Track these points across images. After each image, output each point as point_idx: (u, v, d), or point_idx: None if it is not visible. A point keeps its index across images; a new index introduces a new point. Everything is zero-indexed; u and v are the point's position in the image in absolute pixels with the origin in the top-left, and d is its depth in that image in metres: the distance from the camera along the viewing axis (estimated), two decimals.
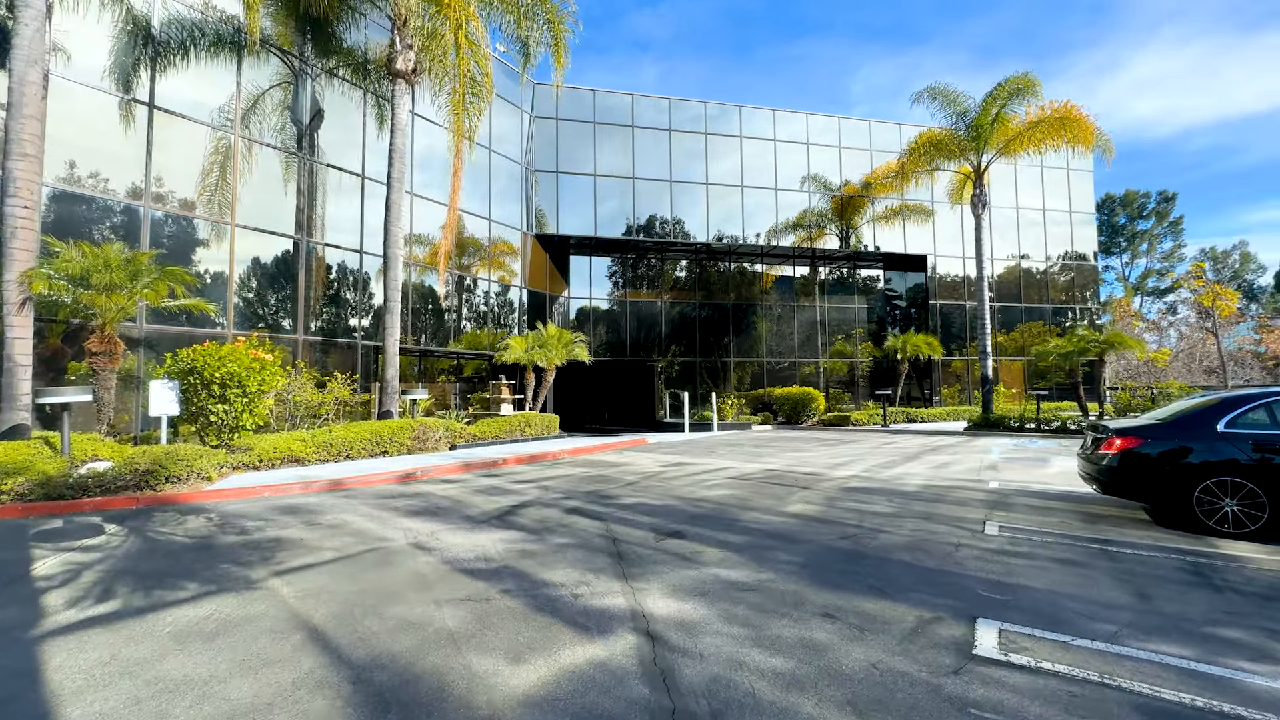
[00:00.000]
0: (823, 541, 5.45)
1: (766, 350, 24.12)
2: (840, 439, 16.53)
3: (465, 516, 6.47)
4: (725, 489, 8.29)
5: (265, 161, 12.85)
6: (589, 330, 22.09)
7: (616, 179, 21.19)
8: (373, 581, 4.29)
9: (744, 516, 6.51)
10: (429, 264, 16.26)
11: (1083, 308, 26.84)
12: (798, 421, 21.76)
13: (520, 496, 7.72)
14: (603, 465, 11.05)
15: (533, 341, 16.91)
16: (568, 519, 6.37)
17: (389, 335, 12.04)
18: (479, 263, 18.15)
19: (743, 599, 3.95)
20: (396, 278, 12.26)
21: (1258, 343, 41.66)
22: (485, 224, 18.17)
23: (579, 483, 8.88)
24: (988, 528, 5.98)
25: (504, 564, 4.72)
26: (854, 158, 24.33)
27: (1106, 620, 3.62)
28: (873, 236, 24.34)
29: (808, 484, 8.72)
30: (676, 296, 23.53)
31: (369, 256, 14.47)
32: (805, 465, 10.85)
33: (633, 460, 11.80)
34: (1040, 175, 26.30)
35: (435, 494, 7.87)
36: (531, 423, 14.65)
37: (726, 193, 22.49)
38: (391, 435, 10.72)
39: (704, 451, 13.38)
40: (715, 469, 10.39)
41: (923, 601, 3.91)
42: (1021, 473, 9.82)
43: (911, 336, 22.47)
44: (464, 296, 17.82)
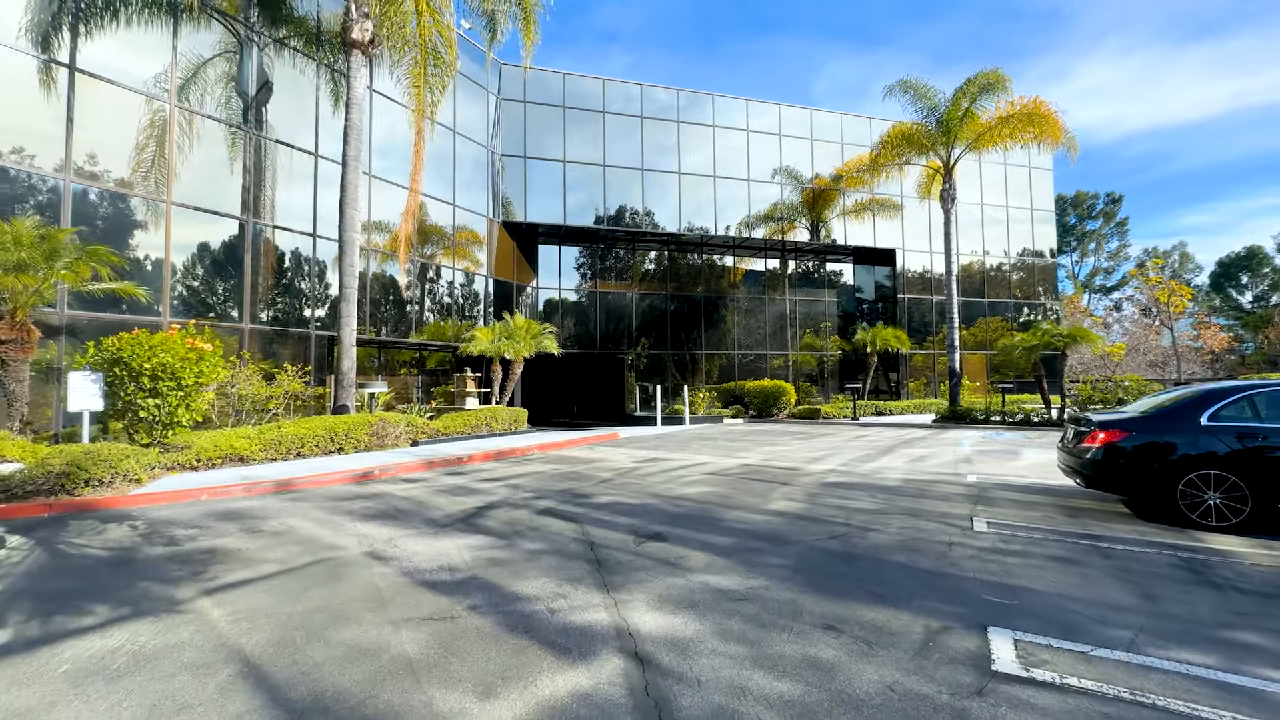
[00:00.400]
0: (812, 542, 5.18)
1: (737, 343, 24.01)
2: (813, 432, 16.50)
3: (427, 520, 5.97)
4: (704, 486, 7.99)
5: (208, 137, 11.88)
6: (558, 322, 21.53)
7: (587, 166, 20.64)
8: (320, 599, 3.79)
9: (727, 515, 6.21)
10: (390, 251, 15.45)
11: (1041, 304, 27.67)
12: (769, 414, 21.73)
13: (488, 496, 7.24)
14: (574, 461, 10.62)
15: (500, 333, 16.29)
16: (540, 521, 5.94)
17: (344, 325, 11.30)
18: (443, 251, 17.39)
19: (736, 610, 3.61)
20: (353, 264, 11.50)
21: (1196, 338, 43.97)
22: (449, 210, 17.40)
23: (550, 481, 8.45)
24: (976, 524, 5.83)
25: (471, 574, 4.28)
26: (825, 150, 24.36)
27: (1119, 625, 3.43)
28: (843, 231, 24.46)
29: (787, 479, 8.50)
30: (647, 288, 23.16)
31: (324, 241, 13.60)
32: (782, 460, 10.66)
33: (605, 456, 11.41)
34: (1004, 173, 26.89)
35: (395, 495, 7.32)
36: (498, 417, 14.09)
37: (698, 183, 22.19)
38: (347, 431, 10.04)
39: (678, 446, 13.09)
40: (691, 464, 10.10)
41: (928, 608, 3.65)
42: (995, 465, 9.84)
43: (880, 330, 22.69)
44: (427, 286, 17.05)
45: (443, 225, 17.35)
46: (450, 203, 17.38)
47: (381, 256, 15.35)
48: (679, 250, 23.70)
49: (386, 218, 15.52)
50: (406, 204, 12.82)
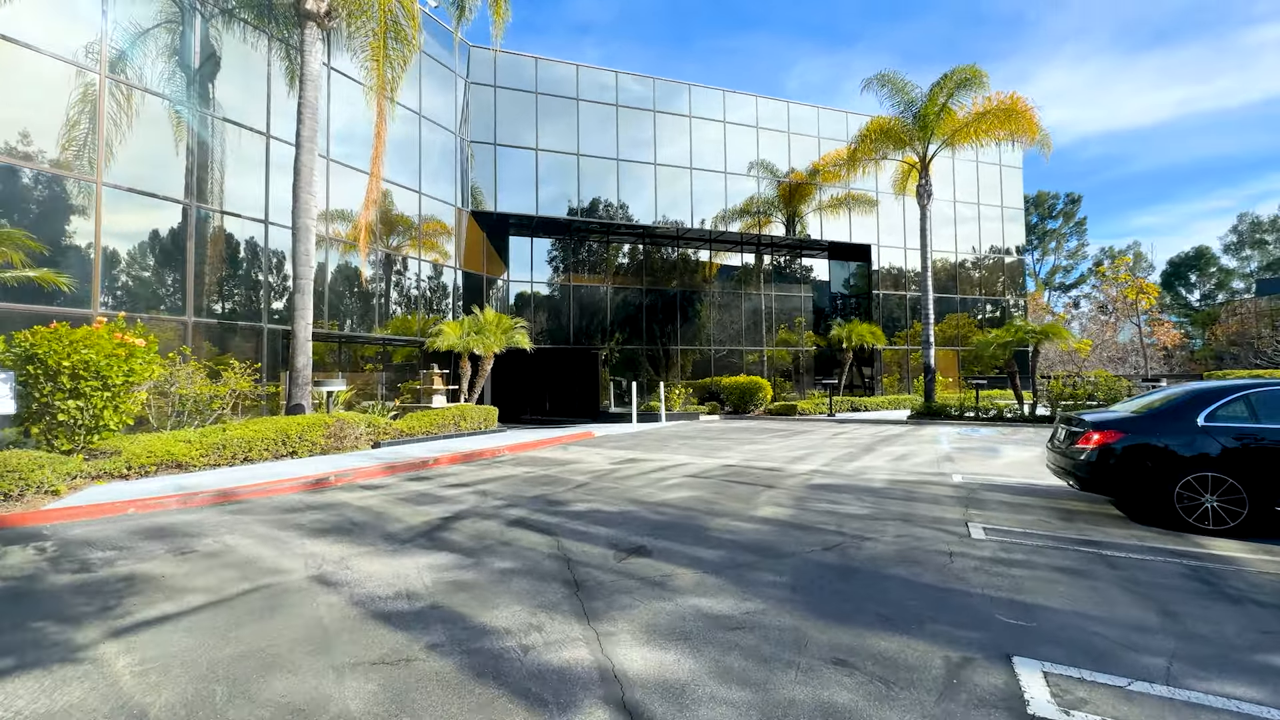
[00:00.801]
0: (807, 554, 4.84)
1: (712, 338, 23.75)
2: (791, 429, 16.32)
3: (386, 535, 5.43)
4: (686, 490, 7.60)
5: (148, 114, 10.92)
6: (530, 316, 20.90)
7: (559, 155, 20.01)
8: (252, 639, 3.25)
9: (712, 524, 5.82)
10: (352, 241, 14.61)
11: (1010, 301, 28.16)
12: (745, 411, 21.53)
13: (454, 505, 6.71)
14: (548, 463, 10.13)
15: (468, 327, 15.63)
16: (511, 534, 5.46)
17: (298, 318, 10.54)
18: (409, 241, 16.59)
19: (735, 643, 3.22)
20: (308, 252, 10.73)
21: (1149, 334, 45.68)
22: (415, 198, 16.59)
23: (522, 485, 7.95)
24: (973, 530, 5.58)
25: (432, 602, 3.79)
26: (802, 144, 24.21)
27: (1150, 651, 3.15)
28: (819, 226, 24.38)
29: (771, 482, 8.18)
30: (622, 282, 22.68)
31: (278, 229, 12.72)
32: (763, 460, 10.36)
33: (580, 457, 10.94)
34: (976, 171, 27.22)
35: (351, 504, 6.72)
36: (467, 416, 13.46)
37: (674, 176, 21.77)
38: (301, 433, 9.33)
39: (655, 445, 12.70)
40: (671, 466, 9.71)
41: (943, 635, 3.32)
42: (978, 464, 9.72)
43: (856, 325, 22.71)
44: (393, 278, 16.24)
45: (409, 214, 16.54)
46: (416, 190, 16.57)
47: (344, 247, 14.51)
48: (654, 243, 23.28)
49: (348, 206, 14.68)
50: (367, 189, 12.07)
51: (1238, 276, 57.92)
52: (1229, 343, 41.61)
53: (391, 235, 16.06)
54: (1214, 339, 44.83)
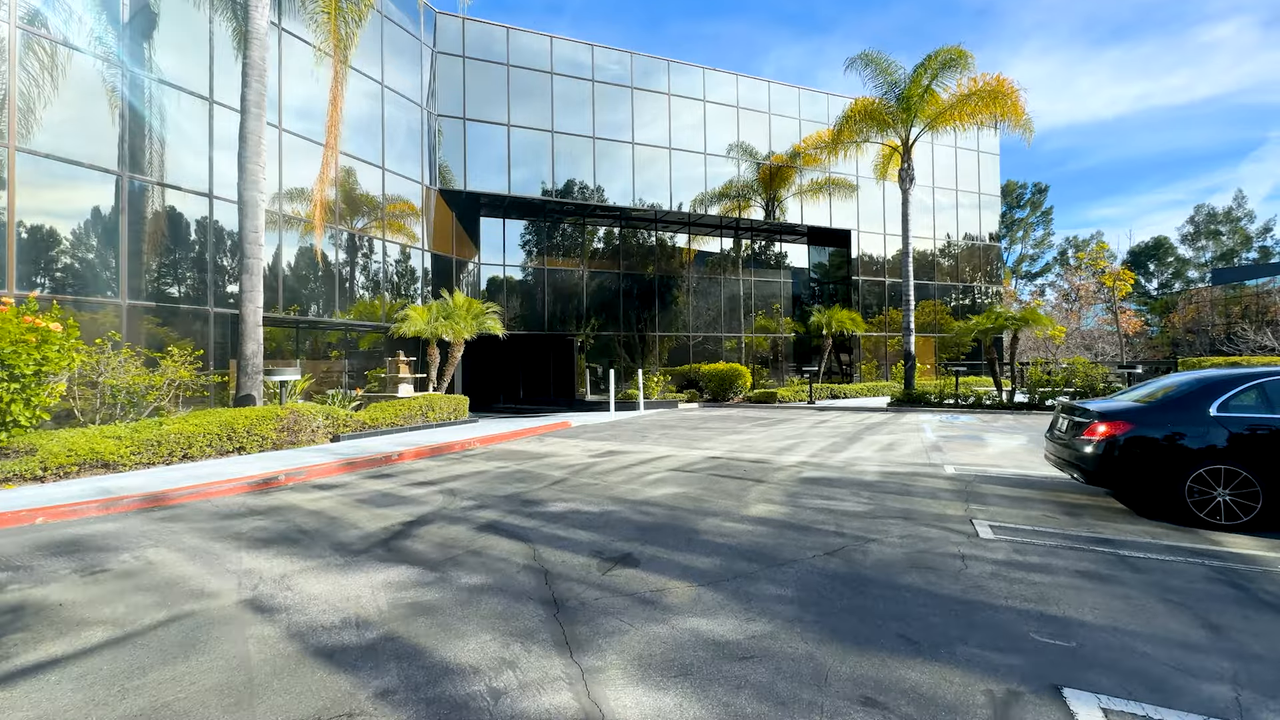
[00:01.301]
0: (810, 561, 4.41)
1: (690, 325, 23.33)
2: (772, 418, 16.03)
3: (338, 545, 4.83)
4: (671, 485, 7.14)
5: (73, 73, 9.82)
6: (503, 301, 20.13)
7: (533, 132, 19.15)
8: (156, 691, 2.66)
9: (703, 525, 5.37)
10: (310, 219, 13.64)
11: (986, 288, 28.39)
12: (724, 398, 21.22)
13: (418, 507, 6.12)
14: (522, 457, 9.56)
15: (437, 312, 14.84)
16: (481, 541, 4.91)
17: (247, 301, 9.69)
18: (373, 221, 15.64)
19: (743, 678, 2.76)
20: (256, 229, 9.85)
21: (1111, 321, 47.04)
22: (379, 175, 15.62)
23: (495, 483, 7.38)
24: (980, 529, 5.24)
25: (387, 631, 3.24)
26: (782, 126, 23.75)
27: (1208, 676, 2.79)
28: (799, 211, 24.04)
29: (760, 475, 7.78)
30: (598, 266, 22.03)
31: (225, 204, 11.72)
32: (749, 450, 9.98)
33: (557, 449, 10.39)
34: (954, 157, 27.19)
35: (301, 508, 6.07)
36: (436, 406, 12.76)
37: (653, 157, 21.10)
38: (249, 427, 8.56)
39: (635, 436, 12.22)
40: (653, 458, 9.25)
41: (978, 661, 2.92)
42: (967, 454, 9.50)
43: (836, 312, 22.53)
44: (357, 259, 15.30)
45: (372, 193, 15.57)
46: (380, 167, 15.60)
47: (305, 227, 13.53)
48: (631, 227, 22.64)
49: (307, 184, 13.67)
50: (323, 161, 11.16)
51: (1193, 266, 60.05)
52: (1185, 330, 43.02)
53: (355, 215, 15.09)
54: (1170, 326, 46.34)
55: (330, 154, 10.69)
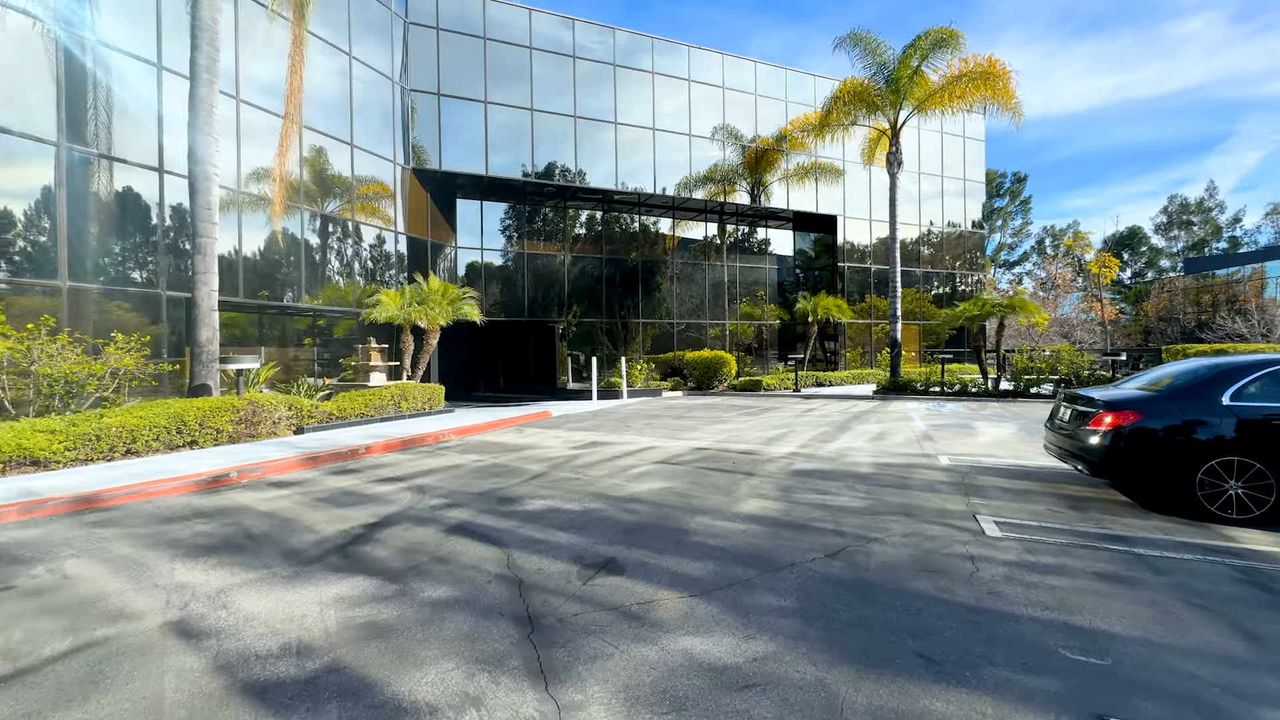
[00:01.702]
0: (809, 565, 4.07)
1: (673, 312, 22.93)
2: (758, 406, 15.76)
3: (288, 552, 4.36)
4: (657, 480, 6.76)
5: (5, 35, 8.96)
6: (481, 286, 19.50)
7: (511, 110, 18.42)
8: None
9: (693, 525, 5.00)
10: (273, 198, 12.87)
11: (966, 275, 28.43)
12: (708, 386, 20.93)
13: (383, 506, 5.66)
14: (499, 449, 9.10)
15: (410, 297, 14.22)
16: (450, 545, 4.48)
17: (200, 284, 9.02)
18: (343, 202, 14.88)
19: (746, 713, 2.39)
20: (209, 205, 9.15)
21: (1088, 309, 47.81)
22: (347, 152, 14.85)
23: (468, 478, 6.93)
24: (984, 525, 4.96)
25: (332, 660, 2.81)
26: (769, 109, 23.29)
27: (1264, 699, 2.50)
28: (785, 197, 23.67)
29: (751, 468, 7.44)
30: (580, 251, 21.47)
31: (178, 179, 10.94)
32: (737, 441, 9.65)
33: (536, 441, 9.95)
34: (940, 143, 27.01)
35: (252, 509, 5.57)
36: (409, 395, 12.20)
37: (636, 139, 20.51)
38: (202, 419, 7.96)
39: (619, 426, 11.83)
40: (637, 450, 8.86)
41: (1008, 685, 2.58)
42: (959, 444, 9.28)
43: (822, 299, 22.30)
44: (327, 241, 14.55)
45: (341, 172, 14.79)
46: (348, 143, 14.82)
47: (270, 207, 12.77)
48: (614, 211, 22.08)
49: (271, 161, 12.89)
50: (282, 132, 10.44)
51: (1165, 256, 61.40)
52: (1158, 318, 43.94)
53: (324, 195, 14.32)
54: (1143, 315, 47.32)
55: (290, 125, 9.98)
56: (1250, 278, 41.40)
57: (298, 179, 13.35)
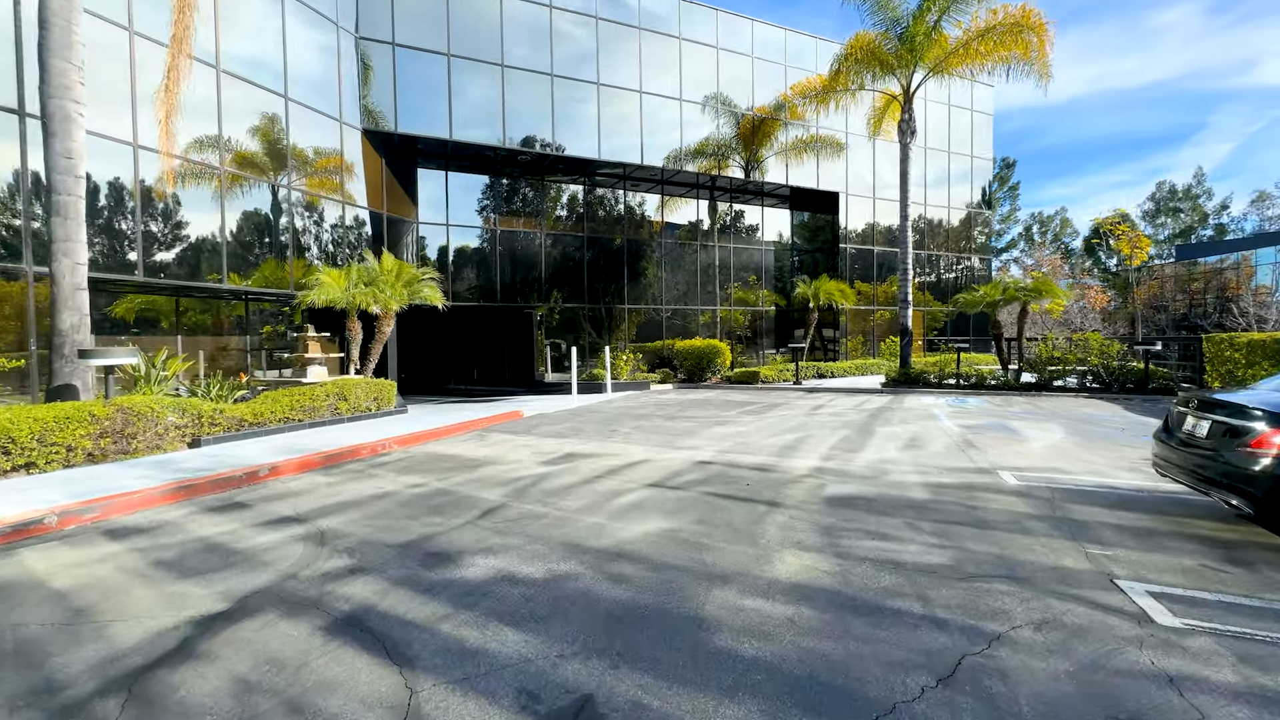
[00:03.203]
0: (918, 706, 2.43)
1: (661, 297, 21.20)
2: (759, 402, 14.18)
3: (40, 686, 2.61)
4: (654, 516, 5.10)
5: None
6: (447, 268, 17.59)
7: (479, 65, 16.41)
8: None
9: (712, 607, 3.36)
10: (188, 161, 10.84)
11: (974, 258, 27.10)
12: (701, 379, 19.32)
13: (251, 573, 3.91)
14: (451, 466, 7.36)
15: (358, 277, 12.32)
16: (322, 666, 2.77)
17: (60, 256, 7.10)
18: (276, 164, 12.84)
19: None
20: (70, 153, 7.19)
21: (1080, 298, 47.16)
22: (280, 104, 12.78)
23: (395, 517, 5.20)
24: (1142, 603, 3.40)
25: None
26: (766, 72, 21.49)
27: None
28: (784, 173, 21.96)
29: (773, 493, 5.81)
30: (559, 230, 19.60)
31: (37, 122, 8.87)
32: (745, 450, 8.02)
33: (500, 453, 8.22)
34: (947, 116, 25.50)
35: (42, 584, 3.78)
36: (350, 394, 10.35)
37: (621, 102, 18.59)
38: (42, 433, 6.09)
39: (602, 429, 10.14)
40: (625, 465, 7.19)
41: None
42: (1010, 453, 7.77)
43: (824, 283, 20.75)
44: (258, 211, 12.52)
45: (274, 129, 12.73)
46: (281, 95, 12.74)
47: (189, 169, 10.75)
48: (596, 185, 20.20)
49: (190, 114, 10.85)
50: (168, 64, 8.45)
51: (1153, 243, 61.43)
52: (1147, 306, 43.67)
53: (252, 154, 12.27)
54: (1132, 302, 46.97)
55: (178, 50, 7.98)
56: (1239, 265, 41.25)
57: (215, 136, 11.30)
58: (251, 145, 12.24)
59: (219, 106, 11.22)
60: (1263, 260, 41.24)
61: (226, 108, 11.46)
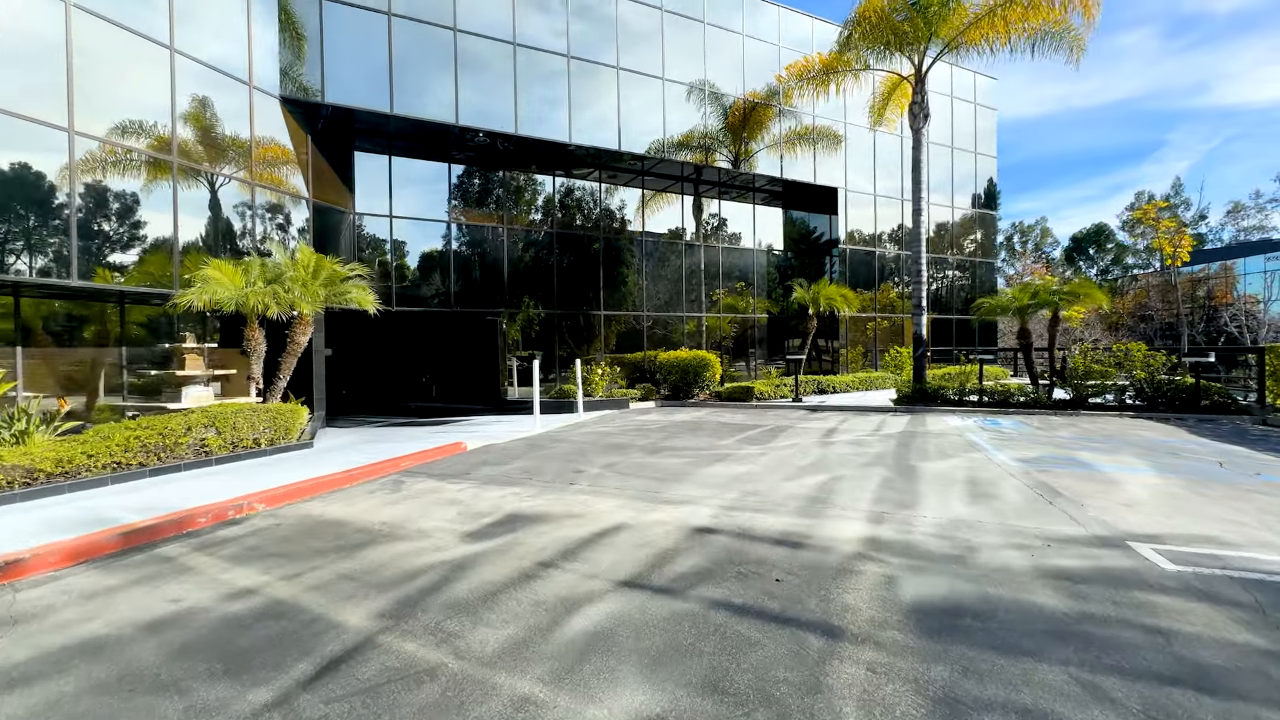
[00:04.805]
0: None
1: (642, 303, 19.08)
2: (759, 425, 12.08)
3: None
4: (626, 680, 2.91)
5: None
6: (394, 268, 15.26)
7: (426, 27, 14.21)
8: None
9: None
10: (34, 119, 8.46)
11: (980, 262, 25.53)
12: (687, 395, 17.22)
13: None
14: (325, 544, 5.07)
15: (260, 273, 9.97)
16: None
17: None
18: (155, 133, 10.43)
19: None
20: None
21: None
22: (163, 57, 10.40)
23: (144, 684, 2.92)
24: None
25: None
26: (758, 53, 19.65)
27: None
28: (778, 167, 20.07)
29: (822, 605, 3.66)
30: (528, 227, 17.42)
31: None
32: (759, 505, 5.88)
33: (410, 515, 5.95)
34: (950, 109, 23.99)
35: None
36: (225, 424, 7.93)
37: (594, 78, 16.54)
38: None
39: (563, 470, 7.90)
40: (588, 538, 4.98)
41: None
42: (1112, 505, 5.75)
43: (824, 287, 18.83)
44: (130, 190, 10.09)
45: (154, 87, 10.35)
46: (166, 45, 10.38)
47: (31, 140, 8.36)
48: (569, 175, 18.06)
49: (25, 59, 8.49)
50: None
51: (1132, 253, 61.95)
52: (1132, 316, 43.73)
53: (125, 119, 9.87)
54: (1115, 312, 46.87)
55: None
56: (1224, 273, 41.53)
57: (64, 86, 8.91)
58: (123, 105, 9.85)
59: (68, 48, 8.84)
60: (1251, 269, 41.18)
61: (82, 53, 9.08)
